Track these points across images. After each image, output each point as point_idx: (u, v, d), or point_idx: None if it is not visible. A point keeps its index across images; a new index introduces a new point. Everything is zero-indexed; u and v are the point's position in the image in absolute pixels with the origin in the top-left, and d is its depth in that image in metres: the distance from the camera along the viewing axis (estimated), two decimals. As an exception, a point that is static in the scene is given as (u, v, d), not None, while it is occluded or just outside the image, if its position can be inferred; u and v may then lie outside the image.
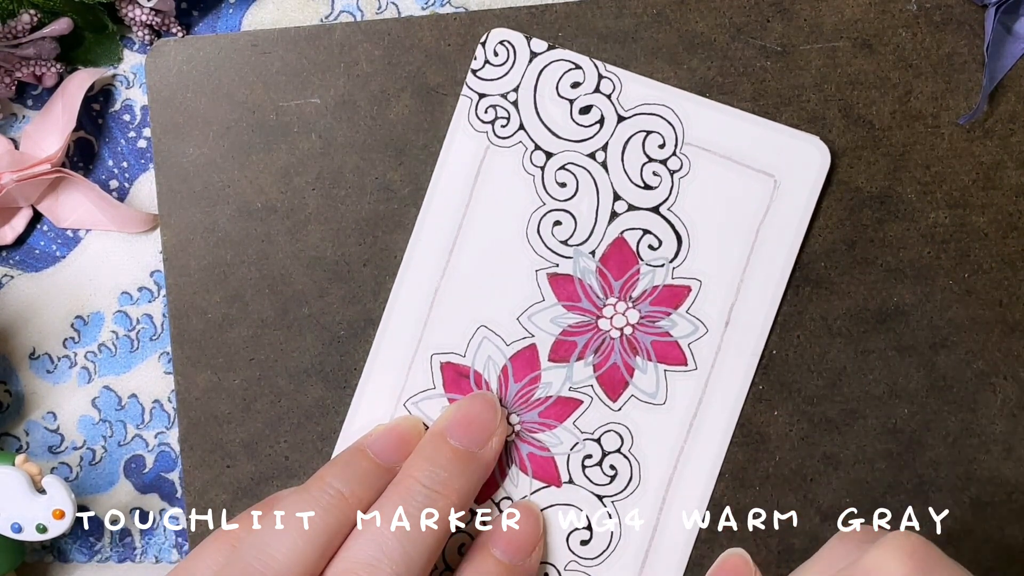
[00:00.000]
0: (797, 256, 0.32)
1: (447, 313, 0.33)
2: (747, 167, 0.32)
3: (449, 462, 0.31)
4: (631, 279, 0.33)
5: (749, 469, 0.33)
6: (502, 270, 0.33)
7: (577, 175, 0.33)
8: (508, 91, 0.33)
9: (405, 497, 0.29)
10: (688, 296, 0.33)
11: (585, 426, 0.33)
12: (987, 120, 0.33)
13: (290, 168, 0.34)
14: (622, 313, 0.33)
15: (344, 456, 0.31)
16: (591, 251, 0.33)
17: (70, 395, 0.37)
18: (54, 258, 0.37)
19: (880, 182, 0.33)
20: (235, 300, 0.34)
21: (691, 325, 0.33)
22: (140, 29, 0.35)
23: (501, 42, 0.33)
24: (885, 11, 0.33)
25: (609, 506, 0.33)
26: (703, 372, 0.33)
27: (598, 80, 0.33)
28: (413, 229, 0.34)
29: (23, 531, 0.32)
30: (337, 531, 0.29)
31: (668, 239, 0.33)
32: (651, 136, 0.32)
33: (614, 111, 0.33)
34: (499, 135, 0.33)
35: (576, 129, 0.33)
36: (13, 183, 0.34)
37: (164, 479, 0.36)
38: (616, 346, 0.33)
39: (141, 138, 0.36)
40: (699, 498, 0.33)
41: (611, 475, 0.33)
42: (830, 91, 0.33)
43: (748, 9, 0.33)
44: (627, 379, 0.33)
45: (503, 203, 0.33)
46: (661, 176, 0.33)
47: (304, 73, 0.34)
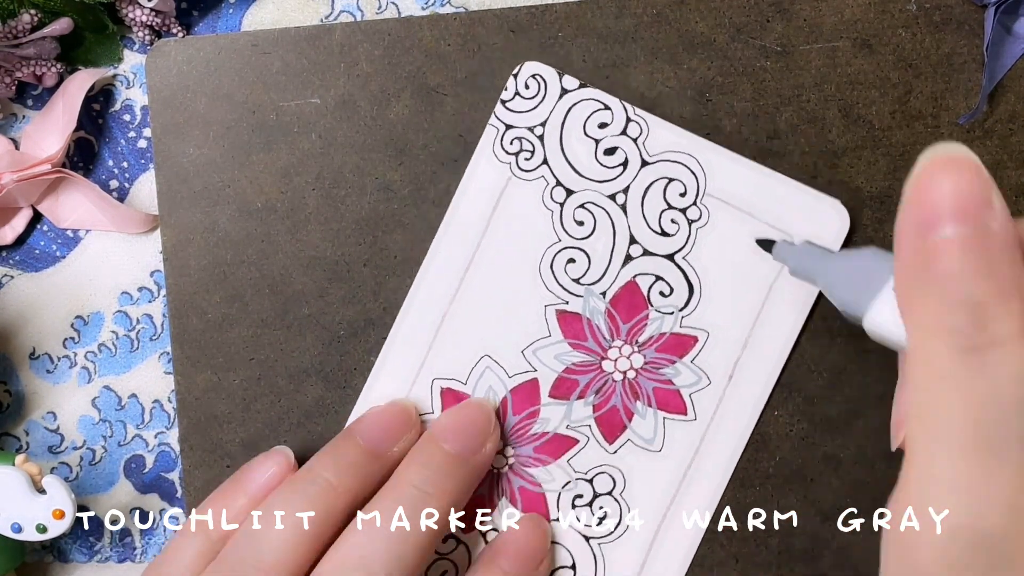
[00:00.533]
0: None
1: (452, 339, 0.33)
2: (766, 224, 0.32)
3: (441, 467, 0.31)
4: (639, 323, 0.33)
5: (749, 469, 0.33)
6: (511, 302, 0.33)
7: (596, 215, 0.33)
8: (535, 125, 0.33)
9: (398, 499, 0.29)
10: (694, 346, 0.33)
11: (579, 465, 0.33)
12: (987, 120, 0.33)
13: (290, 168, 0.34)
14: (627, 356, 0.33)
15: (334, 445, 0.31)
16: (602, 292, 0.33)
17: (70, 395, 0.37)
18: (54, 258, 0.37)
19: (880, 182, 0.33)
20: (235, 300, 0.34)
21: (694, 375, 0.33)
22: (140, 29, 0.35)
23: (533, 75, 0.33)
24: (885, 11, 0.33)
25: (595, 548, 0.33)
26: (702, 423, 0.33)
27: (626, 123, 0.33)
28: (428, 252, 0.34)
29: (23, 531, 0.32)
30: (327, 522, 0.29)
31: (680, 287, 0.33)
32: (673, 183, 0.33)
33: (639, 155, 0.33)
34: (522, 167, 0.33)
35: (599, 169, 0.33)
36: (13, 183, 0.34)
37: (164, 479, 0.36)
38: (618, 389, 0.33)
39: (141, 138, 0.36)
40: (686, 548, 0.33)
41: (600, 517, 0.33)
42: (830, 91, 0.33)
43: (748, 9, 0.33)
44: (625, 423, 0.33)
45: (519, 235, 0.33)
46: (679, 224, 0.33)
47: (304, 73, 0.34)
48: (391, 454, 0.31)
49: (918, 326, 0.22)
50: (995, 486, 0.20)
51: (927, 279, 0.21)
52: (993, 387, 0.20)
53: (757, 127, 0.33)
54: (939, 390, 0.21)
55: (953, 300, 0.21)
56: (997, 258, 0.21)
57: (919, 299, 0.22)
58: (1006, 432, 0.20)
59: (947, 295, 0.21)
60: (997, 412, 0.20)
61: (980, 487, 0.20)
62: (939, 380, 0.21)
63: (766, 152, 0.33)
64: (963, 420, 0.21)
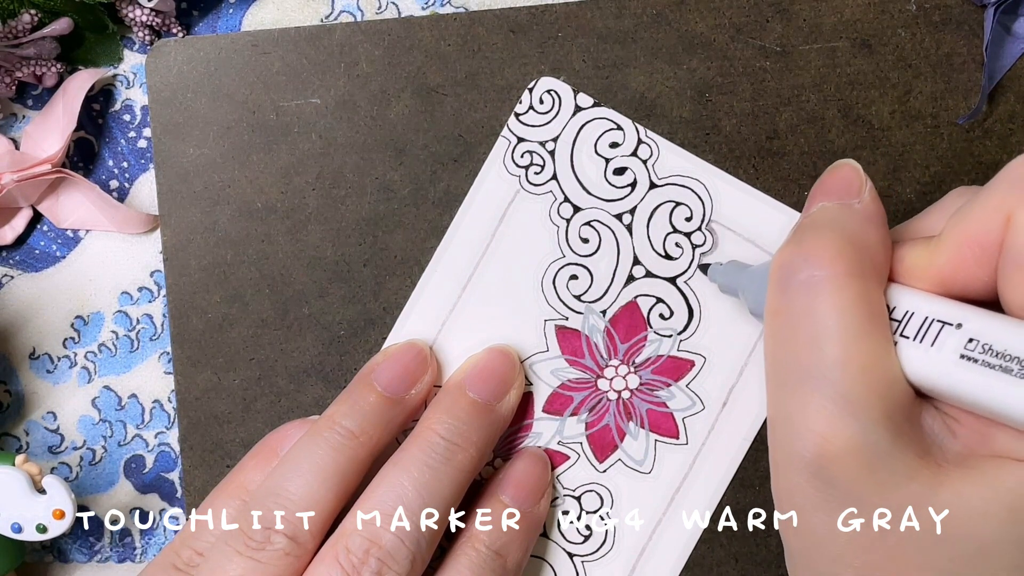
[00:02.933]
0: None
1: (451, 349, 0.33)
2: (769, 253, 0.32)
3: (467, 415, 0.31)
4: (637, 344, 0.33)
5: (749, 469, 0.33)
6: (511, 314, 0.33)
7: (601, 233, 0.33)
8: (547, 140, 0.33)
9: (425, 449, 0.30)
10: (691, 370, 0.33)
11: (568, 482, 0.33)
12: (986, 120, 0.33)
13: (290, 168, 0.34)
14: (623, 376, 0.33)
15: (351, 391, 0.31)
16: (602, 310, 0.33)
17: (70, 395, 0.37)
18: (54, 258, 0.37)
19: (880, 182, 0.33)
20: (235, 300, 0.34)
21: (689, 400, 0.33)
22: (140, 29, 0.35)
23: (548, 91, 0.33)
24: (884, 11, 0.33)
25: (579, 565, 0.33)
26: (693, 448, 0.33)
27: (637, 144, 0.33)
28: (431, 259, 0.34)
29: (23, 531, 0.32)
30: (349, 470, 0.29)
31: (680, 311, 0.33)
32: (679, 208, 0.33)
33: (648, 177, 0.33)
34: (531, 181, 0.33)
35: (608, 188, 0.33)
36: (13, 183, 0.34)
37: (164, 479, 0.36)
38: (611, 408, 0.33)
39: (141, 138, 0.36)
40: (671, 570, 0.33)
41: (585, 535, 0.33)
42: (829, 91, 0.33)
43: (748, 9, 0.33)
44: (617, 442, 0.33)
45: (524, 249, 0.33)
46: (683, 248, 0.33)
47: (304, 73, 0.34)
48: (409, 398, 0.31)
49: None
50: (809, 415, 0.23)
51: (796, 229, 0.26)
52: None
53: (757, 127, 0.33)
54: (767, 325, 0.25)
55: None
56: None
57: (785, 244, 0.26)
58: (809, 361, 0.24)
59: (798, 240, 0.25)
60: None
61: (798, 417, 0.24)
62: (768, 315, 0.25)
63: (765, 152, 0.33)
64: (772, 355, 0.25)
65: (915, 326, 0.24)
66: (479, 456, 0.30)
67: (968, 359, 0.22)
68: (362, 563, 0.28)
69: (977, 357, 0.22)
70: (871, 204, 0.26)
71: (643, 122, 0.33)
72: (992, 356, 0.22)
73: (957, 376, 0.22)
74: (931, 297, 0.24)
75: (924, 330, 0.23)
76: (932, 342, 0.23)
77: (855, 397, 0.23)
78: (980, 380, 0.22)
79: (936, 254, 0.24)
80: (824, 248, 0.24)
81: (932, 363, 0.23)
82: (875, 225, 0.25)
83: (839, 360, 0.23)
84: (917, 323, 0.24)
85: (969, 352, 0.22)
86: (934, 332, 0.23)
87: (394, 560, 0.28)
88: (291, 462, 0.29)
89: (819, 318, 0.23)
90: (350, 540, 0.28)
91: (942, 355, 0.23)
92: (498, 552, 0.30)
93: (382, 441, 0.30)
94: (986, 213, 0.23)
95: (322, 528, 0.29)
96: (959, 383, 0.23)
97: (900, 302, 0.24)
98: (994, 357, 0.22)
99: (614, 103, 0.33)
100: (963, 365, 0.22)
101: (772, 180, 0.33)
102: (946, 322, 0.23)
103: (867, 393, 0.23)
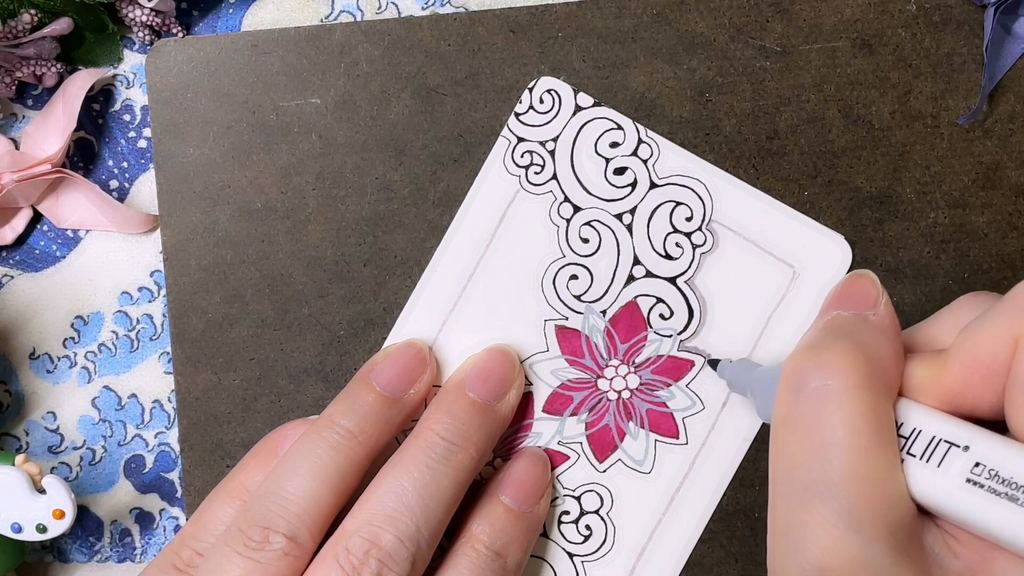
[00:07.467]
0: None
1: (451, 349, 0.33)
2: (769, 253, 0.32)
3: (467, 414, 0.31)
4: (637, 344, 0.33)
5: (749, 469, 0.33)
6: (511, 314, 0.33)
7: (601, 233, 0.33)
8: (547, 140, 0.33)
9: (424, 449, 0.30)
10: (691, 370, 0.33)
11: (568, 482, 0.33)
12: (986, 120, 0.33)
13: (290, 168, 0.34)
14: (623, 376, 0.33)
15: (350, 391, 0.31)
16: (602, 310, 0.33)
17: (70, 395, 0.37)
18: (54, 258, 0.37)
19: (880, 182, 0.33)
20: (235, 300, 0.34)
21: (689, 400, 0.33)
22: (140, 29, 0.35)
23: (548, 91, 0.33)
24: (884, 11, 0.33)
25: (579, 565, 0.33)
26: (693, 448, 0.33)
27: (637, 144, 0.33)
28: (431, 259, 0.34)
29: (23, 531, 0.32)
30: (348, 470, 0.29)
31: (680, 311, 0.33)
32: (680, 207, 0.33)
33: (648, 177, 0.33)
34: (531, 181, 0.33)
35: (608, 188, 0.33)
36: (13, 183, 0.34)
37: (164, 479, 0.36)
38: (611, 408, 0.33)
39: (141, 138, 0.36)
40: (671, 570, 0.33)
41: (585, 535, 0.33)
42: (829, 91, 0.33)
43: (748, 9, 0.33)
44: (617, 442, 0.33)
45: (524, 249, 0.33)
46: (683, 248, 0.33)
47: (304, 73, 0.34)
48: (408, 398, 0.31)
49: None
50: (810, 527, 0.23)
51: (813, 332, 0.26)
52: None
53: (757, 127, 0.33)
54: (775, 431, 0.25)
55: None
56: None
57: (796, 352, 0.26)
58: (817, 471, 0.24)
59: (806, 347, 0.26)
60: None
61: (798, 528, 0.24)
62: (778, 422, 0.25)
63: (766, 152, 0.33)
64: (778, 462, 0.25)
65: (922, 445, 0.23)
66: (479, 456, 0.30)
67: (974, 483, 0.22)
68: (362, 564, 0.28)
69: (983, 483, 0.22)
70: (886, 317, 0.26)
71: (643, 122, 0.33)
72: (998, 483, 0.22)
73: (962, 500, 0.22)
74: (939, 416, 0.24)
75: (931, 450, 0.23)
76: (939, 463, 0.23)
77: (860, 513, 0.22)
78: (985, 506, 0.22)
79: (945, 372, 0.24)
80: (838, 357, 0.24)
81: (938, 485, 0.23)
82: (889, 338, 0.25)
83: (846, 474, 0.23)
84: (924, 442, 0.23)
85: (975, 476, 0.22)
86: (941, 452, 0.23)
87: (394, 561, 0.28)
88: (290, 462, 0.29)
89: (828, 430, 0.23)
90: (350, 541, 0.28)
91: (948, 477, 0.23)
92: (498, 552, 0.30)
93: (381, 441, 0.30)
94: (995, 335, 0.23)
95: (321, 528, 0.29)
96: (964, 507, 0.22)
97: (908, 418, 0.24)
98: (1000, 484, 0.22)
99: (614, 103, 0.33)
100: (968, 489, 0.22)
101: (772, 180, 0.33)
102: (953, 443, 0.23)
103: (872, 510, 0.22)
